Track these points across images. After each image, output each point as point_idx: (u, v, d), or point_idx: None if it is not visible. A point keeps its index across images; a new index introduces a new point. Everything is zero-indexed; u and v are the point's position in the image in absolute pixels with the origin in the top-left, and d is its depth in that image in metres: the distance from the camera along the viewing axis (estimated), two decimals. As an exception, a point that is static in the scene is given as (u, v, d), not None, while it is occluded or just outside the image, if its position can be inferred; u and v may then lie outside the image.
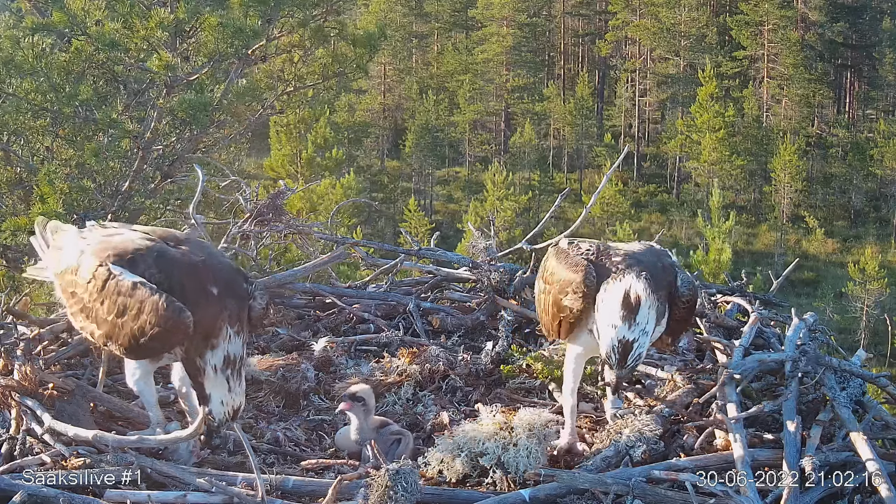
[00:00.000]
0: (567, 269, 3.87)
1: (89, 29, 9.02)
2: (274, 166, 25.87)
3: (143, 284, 3.60)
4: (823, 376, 4.17)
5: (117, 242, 3.81)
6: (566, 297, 3.82)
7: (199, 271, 3.71)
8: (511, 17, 59.22)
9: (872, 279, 36.14)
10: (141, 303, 3.58)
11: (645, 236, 28.05)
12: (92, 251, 3.80)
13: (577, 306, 3.79)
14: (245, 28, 9.23)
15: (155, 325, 3.55)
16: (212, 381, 3.62)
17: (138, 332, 3.59)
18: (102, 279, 3.68)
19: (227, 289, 3.72)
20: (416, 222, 37.37)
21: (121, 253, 3.72)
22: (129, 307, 3.61)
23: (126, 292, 3.62)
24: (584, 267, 3.80)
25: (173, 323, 3.54)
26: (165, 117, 9.77)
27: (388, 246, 6.70)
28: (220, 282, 3.71)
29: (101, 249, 3.78)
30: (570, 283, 3.81)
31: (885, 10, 57.51)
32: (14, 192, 9.43)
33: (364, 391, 4.18)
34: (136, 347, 3.66)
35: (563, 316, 3.87)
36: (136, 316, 3.59)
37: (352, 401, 4.11)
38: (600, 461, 3.81)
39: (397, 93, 61.89)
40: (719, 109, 48.57)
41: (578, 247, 3.99)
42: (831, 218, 50.38)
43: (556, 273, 3.95)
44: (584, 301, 3.76)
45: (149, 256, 3.70)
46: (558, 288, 3.88)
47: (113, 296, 3.64)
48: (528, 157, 53.50)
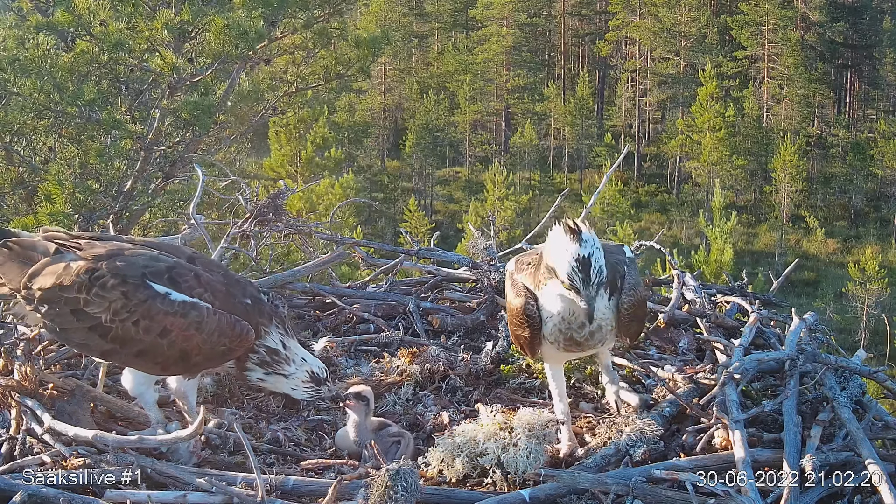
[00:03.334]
0: (513, 296, 3.85)
1: (94, 29, 9.03)
2: (274, 166, 25.86)
3: (196, 304, 3.66)
4: (823, 376, 4.17)
5: (144, 260, 3.75)
6: (517, 326, 3.81)
7: (229, 287, 3.83)
8: (511, 17, 59.25)
9: (872, 279, 36.15)
10: (199, 322, 3.63)
11: (645, 236, 28.02)
12: (110, 268, 3.69)
13: (525, 334, 3.78)
14: (250, 30, 9.25)
15: (220, 343, 3.66)
16: (270, 384, 3.88)
17: (194, 350, 3.65)
18: (140, 298, 3.62)
19: (256, 300, 3.87)
20: (416, 222, 37.37)
21: (156, 271, 3.70)
22: (179, 326, 3.62)
23: (178, 312, 3.63)
24: (523, 293, 3.75)
25: (240, 339, 3.69)
26: (168, 118, 9.79)
27: (388, 246, 6.70)
28: (248, 295, 3.86)
29: (125, 265, 3.70)
30: (514, 310, 3.80)
31: (885, 10, 57.52)
32: (16, 192, 9.44)
33: (366, 391, 4.19)
34: (181, 365, 3.73)
35: (523, 342, 3.85)
36: (190, 336, 3.63)
37: (356, 400, 4.12)
38: (600, 459, 3.81)
39: (397, 93, 61.90)
40: (719, 109, 48.59)
41: (521, 263, 3.93)
42: (831, 218, 50.38)
43: (508, 299, 3.92)
44: (531, 328, 3.75)
45: (187, 274, 3.74)
46: (511, 317, 3.87)
47: (158, 316, 3.62)
48: (528, 157, 53.50)
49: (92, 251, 3.80)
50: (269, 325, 3.84)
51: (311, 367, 3.89)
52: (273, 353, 3.84)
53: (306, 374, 3.88)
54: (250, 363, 3.83)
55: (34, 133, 9.25)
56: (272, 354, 3.84)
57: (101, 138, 9.19)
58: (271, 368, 3.85)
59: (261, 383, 3.91)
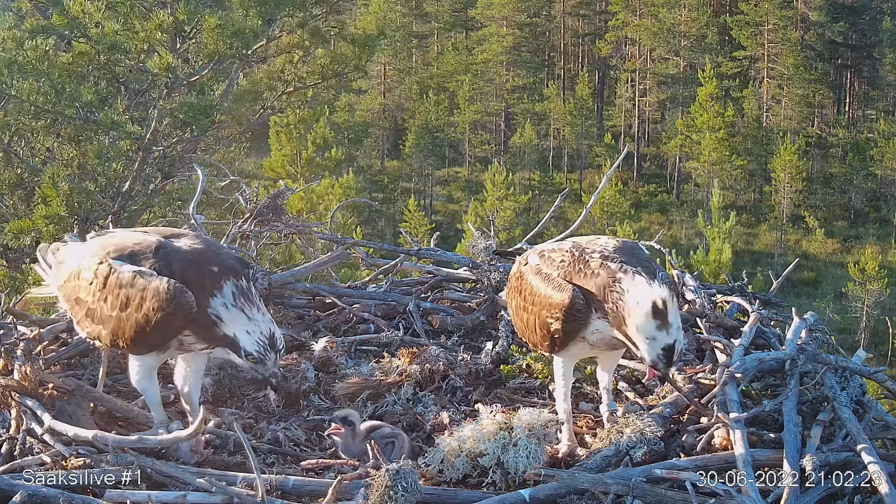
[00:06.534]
0: (552, 290, 3.82)
1: (89, 31, 9.03)
2: (274, 166, 25.86)
3: (142, 273, 3.66)
4: (824, 376, 4.17)
5: (116, 241, 3.90)
6: (556, 320, 3.78)
7: (198, 256, 3.77)
8: (511, 17, 59.23)
9: (872, 279, 36.14)
10: (143, 291, 3.62)
11: (645, 236, 28.03)
12: (92, 252, 3.88)
13: (571, 328, 3.77)
14: (245, 29, 9.24)
15: (158, 309, 3.58)
16: (227, 321, 3.62)
17: (143, 320, 3.62)
18: (104, 275, 3.73)
19: (227, 268, 3.74)
20: (416, 222, 37.38)
21: (119, 248, 3.80)
22: (131, 298, 3.64)
23: (127, 283, 3.66)
24: (570, 290, 3.75)
25: (176, 304, 3.57)
26: (166, 118, 9.78)
27: (388, 246, 6.70)
28: (219, 264, 3.75)
29: (101, 248, 3.86)
30: (559, 306, 3.76)
31: (885, 10, 57.53)
32: (15, 194, 9.44)
33: (353, 415, 4.13)
34: (144, 338, 3.68)
35: (557, 336, 3.83)
36: (140, 305, 3.62)
37: (343, 424, 4.07)
38: (600, 460, 3.81)
39: (397, 93, 61.89)
40: (719, 109, 48.60)
41: (551, 258, 3.94)
42: (831, 218, 50.37)
43: (540, 293, 3.87)
44: (578, 323, 3.75)
45: (147, 249, 3.77)
46: (547, 311, 3.82)
47: (115, 290, 3.68)
48: (528, 157, 53.48)
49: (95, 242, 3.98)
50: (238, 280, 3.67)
51: (275, 331, 3.68)
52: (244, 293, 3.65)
53: (269, 330, 3.64)
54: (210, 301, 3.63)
55: (32, 134, 9.24)
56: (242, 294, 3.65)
57: (100, 139, 9.18)
58: (238, 303, 3.64)
59: (217, 321, 3.64)
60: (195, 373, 4.01)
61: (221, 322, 3.63)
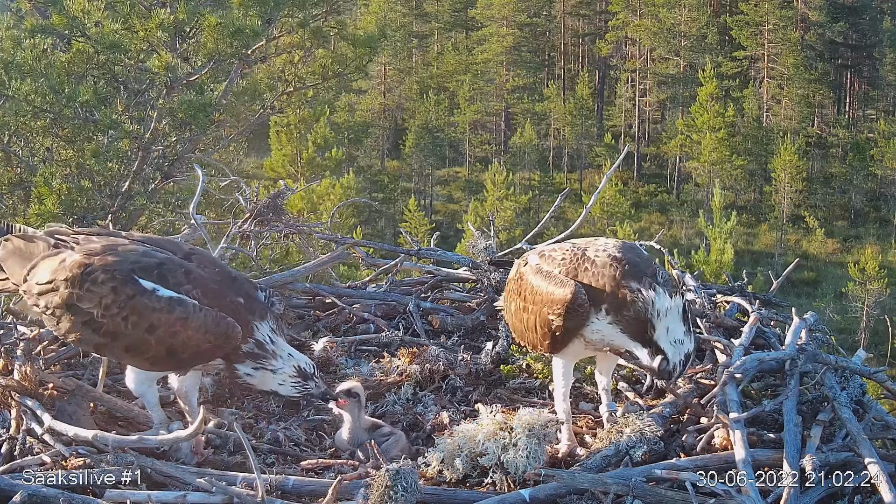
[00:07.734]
0: (553, 286, 3.82)
1: (89, 30, 9.02)
2: (274, 166, 25.87)
3: (182, 301, 3.66)
4: (824, 376, 4.17)
5: (135, 256, 3.78)
6: (558, 316, 3.78)
7: (223, 284, 3.82)
8: (511, 17, 59.20)
9: (872, 279, 36.12)
10: (185, 319, 3.63)
11: (645, 236, 28.03)
12: (102, 264, 3.72)
13: (573, 325, 3.77)
14: (244, 28, 9.25)
15: (206, 340, 3.64)
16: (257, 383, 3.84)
17: (180, 346, 3.64)
18: (128, 294, 3.65)
19: (249, 298, 3.86)
20: (416, 222, 37.34)
21: (145, 267, 3.72)
22: (165, 322, 3.62)
23: (164, 308, 3.63)
24: (572, 285, 3.76)
25: (226, 337, 3.67)
26: (165, 118, 9.78)
27: (388, 246, 6.70)
28: (241, 292, 3.85)
29: (115, 261, 3.73)
30: (561, 301, 3.76)
31: (885, 10, 57.51)
32: (14, 193, 9.43)
33: (356, 387, 4.19)
34: (171, 361, 3.72)
35: (558, 334, 3.83)
36: (176, 332, 3.63)
37: (347, 397, 4.11)
38: (600, 460, 3.80)
39: (397, 93, 61.87)
40: (719, 109, 48.57)
41: (552, 257, 3.95)
42: (831, 218, 50.36)
43: (541, 291, 3.87)
44: (580, 319, 3.76)
45: (177, 271, 3.74)
46: (548, 308, 3.82)
47: (145, 311, 3.63)
48: (528, 157, 53.46)
49: (87, 246, 3.83)
50: (261, 322, 3.82)
51: (297, 363, 3.85)
52: (260, 346, 3.80)
53: (293, 368, 3.84)
54: (239, 359, 3.80)
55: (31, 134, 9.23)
56: (260, 348, 3.80)
57: (98, 139, 9.18)
58: (259, 364, 3.81)
59: (249, 379, 3.85)
60: (192, 374, 4.01)
61: (253, 379, 3.87)
